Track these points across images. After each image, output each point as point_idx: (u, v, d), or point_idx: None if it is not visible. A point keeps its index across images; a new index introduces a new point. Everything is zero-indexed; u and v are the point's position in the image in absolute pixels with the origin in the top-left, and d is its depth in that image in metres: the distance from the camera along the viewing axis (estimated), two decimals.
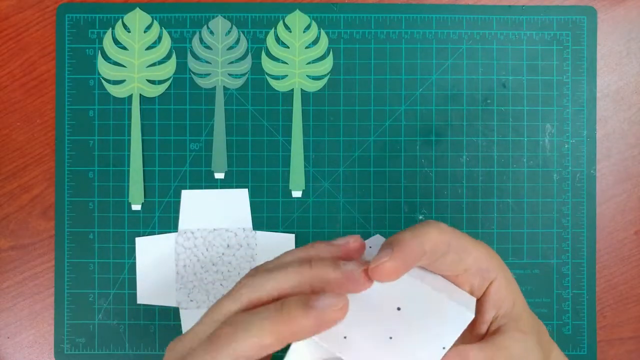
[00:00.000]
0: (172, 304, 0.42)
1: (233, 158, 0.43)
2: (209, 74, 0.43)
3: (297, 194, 0.43)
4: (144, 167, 0.43)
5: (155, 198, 0.43)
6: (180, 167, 0.43)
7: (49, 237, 0.43)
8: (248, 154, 0.43)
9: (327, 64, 0.43)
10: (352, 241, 0.26)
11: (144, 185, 0.43)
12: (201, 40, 0.43)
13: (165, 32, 0.43)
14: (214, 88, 0.43)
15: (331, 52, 0.43)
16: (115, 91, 0.43)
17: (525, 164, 0.43)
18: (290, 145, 0.43)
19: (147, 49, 0.43)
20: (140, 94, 0.43)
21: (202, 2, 0.43)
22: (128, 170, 0.43)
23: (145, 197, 0.43)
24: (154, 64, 0.43)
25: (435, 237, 0.25)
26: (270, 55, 0.43)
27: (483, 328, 0.27)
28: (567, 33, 0.43)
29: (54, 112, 0.43)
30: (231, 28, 0.43)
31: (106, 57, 0.43)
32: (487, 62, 0.43)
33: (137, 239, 0.42)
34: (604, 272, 0.43)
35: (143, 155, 0.43)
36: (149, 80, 0.43)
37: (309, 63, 0.43)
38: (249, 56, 0.43)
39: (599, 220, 0.43)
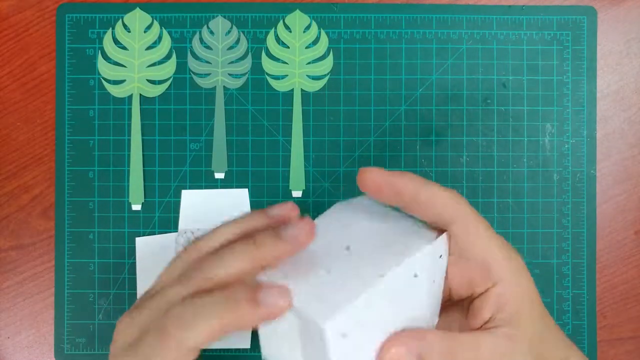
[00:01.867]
0: None
1: (233, 158, 0.43)
2: (209, 74, 0.43)
3: (297, 194, 0.43)
4: (144, 167, 0.43)
5: (155, 198, 0.43)
6: (180, 167, 0.43)
7: (49, 237, 0.43)
8: (248, 154, 0.43)
9: (327, 64, 0.43)
10: (290, 212, 0.27)
11: (144, 185, 0.43)
12: (201, 40, 0.43)
13: (165, 32, 0.43)
14: (214, 88, 0.43)
15: (331, 52, 0.43)
16: (115, 91, 0.43)
17: (525, 164, 0.43)
18: (290, 145, 0.43)
19: (147, 49, 0.43)
20: (140, 94, 0.43)
21: (202, 2, 0.43)
22: (128, 170, 0.43)
23: (145, 197, 0.43)
24: (154, 64, 0.43)
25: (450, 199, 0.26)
26: (270, 55, 0.43)
27: (476, 324, 0.26)
28: (567, 33, 0.43)
29: (54, 112, 0.43)
30: (231, 28, 0.43)
31: (106, 57, 0.43)
32: (487, 62, 0.43)
33: (137, 239, 0.42)
34: (604, 272, 0.43)
35: (143, 155, 0.43)
36: (149, 80, 0.43)
37: (309, 63, 0.43)
38: (249, 56, 0.43)
39: (599, 220, 0.43)
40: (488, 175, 0.43)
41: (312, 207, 0.43)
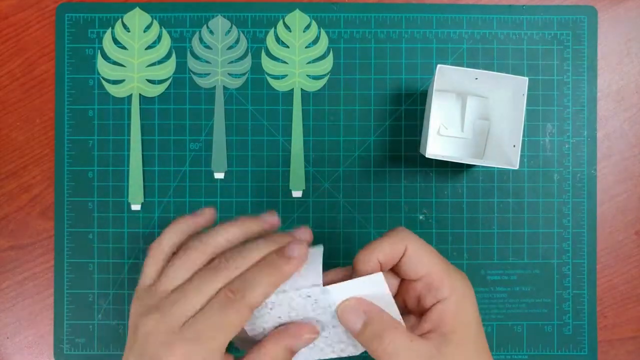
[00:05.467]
0: None
1: (233, 158, 0.43)
2: (208, 74, 0.43)
3: (297, 194, 0.43)
4: (143, 167, 0.43)
5: (155, 198, 0.43)
6: (180, 167, 0.43)
7: (48, 237, 0.43)
8: (248, 154, 0.43)
9: (327, 64, 0.43)
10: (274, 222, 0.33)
11: (144, 185, 0.43)
12: (201, 40, 0.43)
13: (165, 32, 0.43)
14: (214, 88, 0.43)
15: (331, 52, 0.43)
16: (114, 91, 0.43)
17: (525, 163, 0.43)
18: (290, 145, 0.43)
19: (147, 48, 0.43)
20: (139, 94, 0.43)
21: (202, 2, 0.43)
22: (127, 170, 0.43)
23: (145, 197, 0.43)
24: (153, 64, 0.43)
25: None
26: (270, 55, 0.43)
27: (422, 331, 0.30)
28: (567, 33, 0.43)
29: (54, 112, 0.43)
30: (231, 28, 0.43)
31: (106, 57, 0.43)
32: (487, 62, 0.43)
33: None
34: (604, 272, 0.43)
35: (143, 155, 0.43)
36: (148, 80, 0.43)
37: (309, 63, 0.43)
38: (249, 56, 0.43)
39: (600, 220, 0.43)
40: (488, 174, 0.43)
41: (312, 207, 0.43)
